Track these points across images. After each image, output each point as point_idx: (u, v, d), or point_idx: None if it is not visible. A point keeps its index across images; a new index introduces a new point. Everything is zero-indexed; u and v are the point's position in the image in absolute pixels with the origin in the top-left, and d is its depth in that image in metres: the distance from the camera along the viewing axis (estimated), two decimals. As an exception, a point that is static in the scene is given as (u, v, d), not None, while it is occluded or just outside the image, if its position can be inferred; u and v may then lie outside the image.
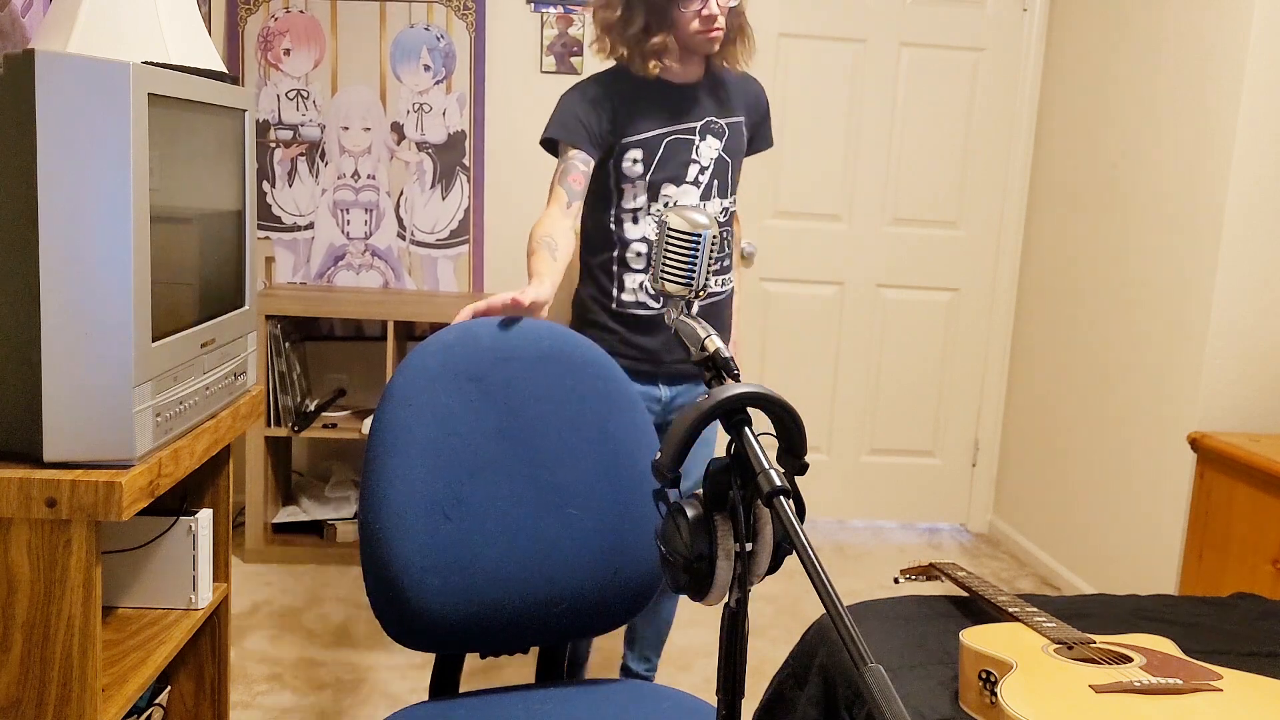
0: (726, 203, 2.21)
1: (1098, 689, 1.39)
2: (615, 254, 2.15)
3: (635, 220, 2.13)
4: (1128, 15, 3.38)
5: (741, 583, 1.05)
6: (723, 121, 2.17)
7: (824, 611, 0.98)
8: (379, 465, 1.51)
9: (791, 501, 0.97)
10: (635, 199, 2.13)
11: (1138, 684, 1.39)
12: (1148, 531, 3.13)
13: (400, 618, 1.51)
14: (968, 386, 4.12)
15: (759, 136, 2.30)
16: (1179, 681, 1.42)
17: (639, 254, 2.15)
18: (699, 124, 2.14)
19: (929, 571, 2.06)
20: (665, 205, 2.07)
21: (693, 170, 2.13)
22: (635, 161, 2.09)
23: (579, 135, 2.07)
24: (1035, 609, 1.76)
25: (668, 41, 2.08)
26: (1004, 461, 4.11)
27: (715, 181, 2.17)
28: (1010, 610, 1.75)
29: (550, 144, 2.13)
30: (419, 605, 1.49)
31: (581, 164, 2.06)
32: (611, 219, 2.14)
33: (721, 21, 2.07)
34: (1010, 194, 4.00)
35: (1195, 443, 2.86)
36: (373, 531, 1.50)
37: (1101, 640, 1.65)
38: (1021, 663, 1.50)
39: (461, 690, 1.59)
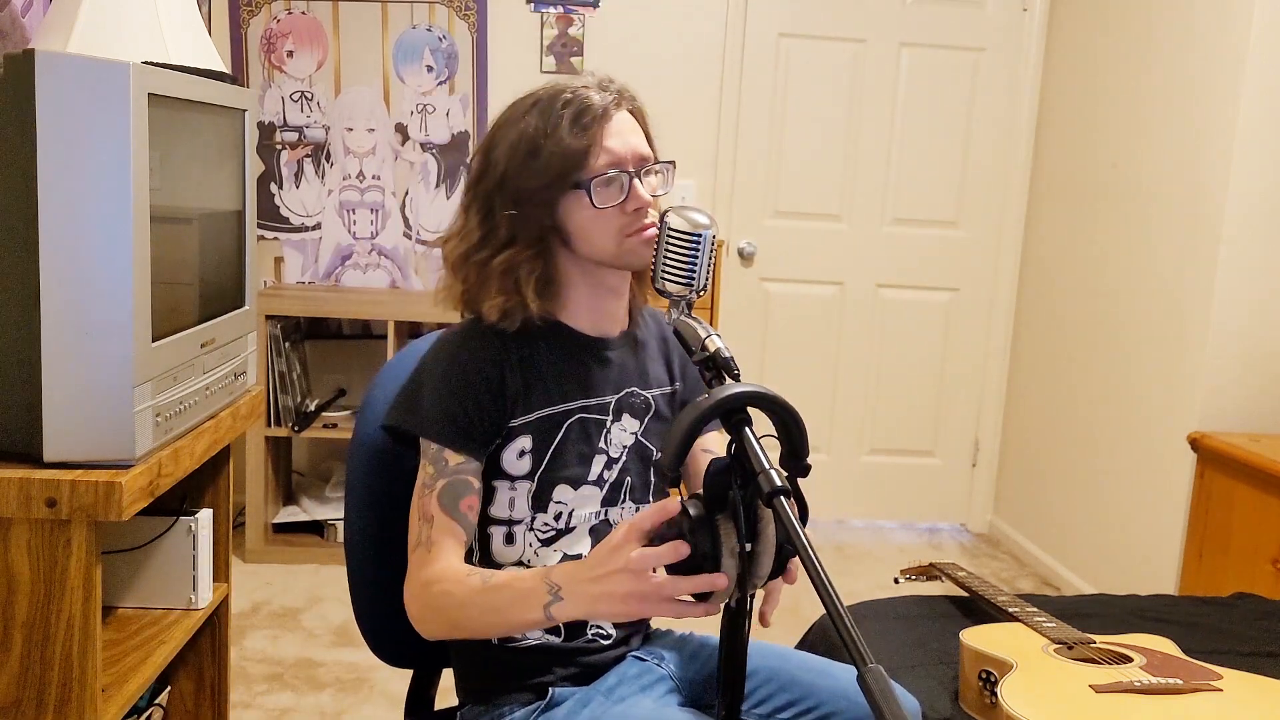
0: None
1: (1098, 689, 1.39)
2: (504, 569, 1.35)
3: (510, 540, 1.36)
4: (1127, 15, 3.38)
5: (742, 583, 1.05)
6: (646, 393, 1.44)
7: (824, 611, 0.98)
8: (358, 478, 1.49)
9: (794, 502, 0.97)
10: (511, 507, 1.35)
11: (1138, 684, 1.39)
12: (1148, 531, 3.12)
13: (383, 630, 1.49)
14: (967, 386, 4.11)
15: (696, 393, 1.49)
16: (1179, 681, 1.41)
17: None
18: (614, 398, 1.41)
19: (929, 571, 2.06)
20: (555, 516, 1.36)
21: (597, 464, 1.39)
22: (522, 454, 1.34)
23: (461, 434, 1.30)
24: (1035, 609, 1.76)
25: (562, 265, 1.36)
26: (1004, 461, 4.11)
27: (628, 479, 1.42)
28: (1010, 610, 1.75)
29: (400, 435, 1.36)
30: (403, 620, 1.47)
31: (474, 478, 1.31)
32: (475, 538, 1.35)
33: (653, 215, 1.34)
34: (1010, 194, 4.00)
35: (1195, 443, 2.86)
36: (355, 547, 1.48)
37: (1102, 640, 1.65)
38: (1021, 663, 1.50)
39: (437, 708, 1.57)
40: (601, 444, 1.39)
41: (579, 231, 1.33)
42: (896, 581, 2.06)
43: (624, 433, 1.41)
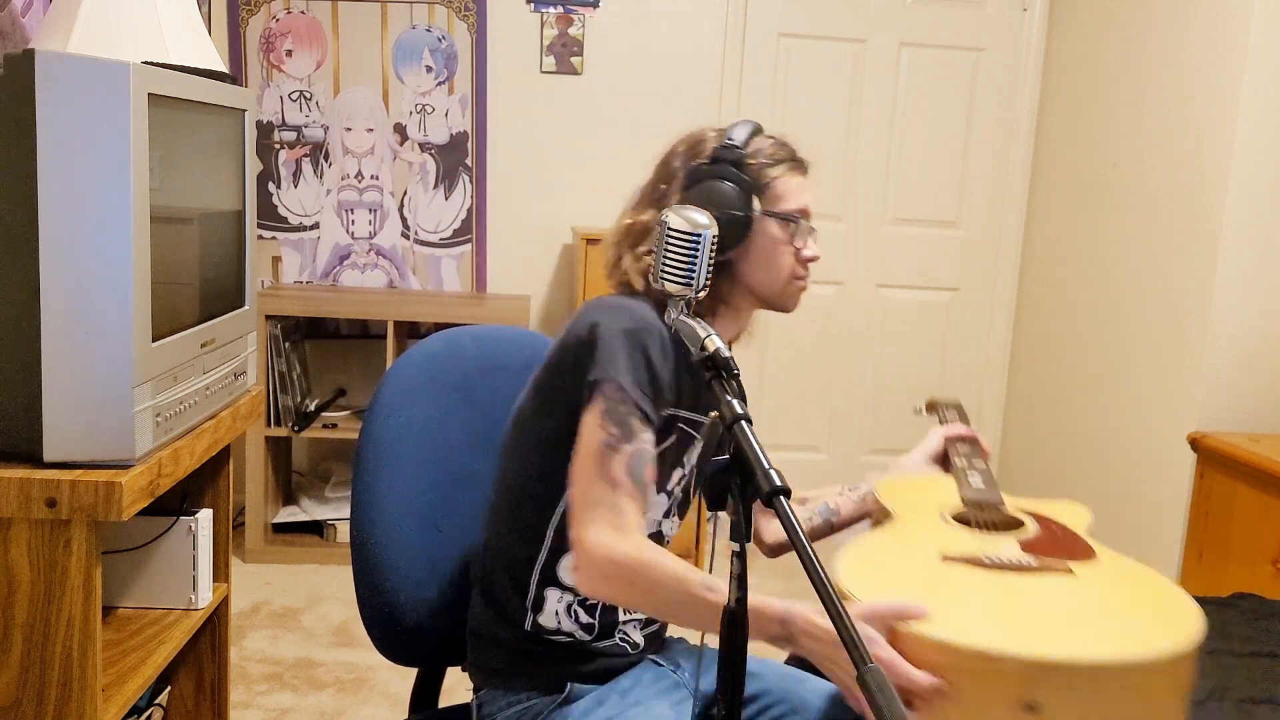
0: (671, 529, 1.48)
1: (946, 558, 1.32)
2: (541, 558, 1.39)
3: None
4: (1127, 15, 3.38)
5: (741, 583, 1.04)
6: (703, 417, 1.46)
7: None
8: (368, 478, 1.49)
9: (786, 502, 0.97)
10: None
11: (987, 560, 1.31)
12: (1148, 531, 3.12)
13: (393, 631, 1.48)
14: (968, 386, 4.11)
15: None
16: (1032, 561, 1.34)
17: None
18: (706, 419, 1.43)
19: (933, 406, 1.98)
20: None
21: (676, 475, 1.44)
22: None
23: (653, 393, 1.31)
24: (983, 467, 1.65)
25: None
26: (1004, 461, 4.11)
27: (681, 495, 1.47)
28: (956, 461, 1.68)
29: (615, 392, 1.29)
30: (413, 618, 1.47)
31: (652, 448, 1.30)
32: (557, 512, 1.38)
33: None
34: (1010, 194, 4.00)
35: (1195, 443, 2.86)
36: (364, 544, 1.48)
37: (1021, 504, 1.57)
38: (901, 517, 1.45)
39: (441, 706, 1.57)
40: (686, 458, 1.43)
41: (755, 259, 1.41)
42: (918, 412, 1.97)
43: (694, 452, 1.45)
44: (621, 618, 1.41)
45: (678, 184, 1.40)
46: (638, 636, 1.43)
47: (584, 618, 1.38)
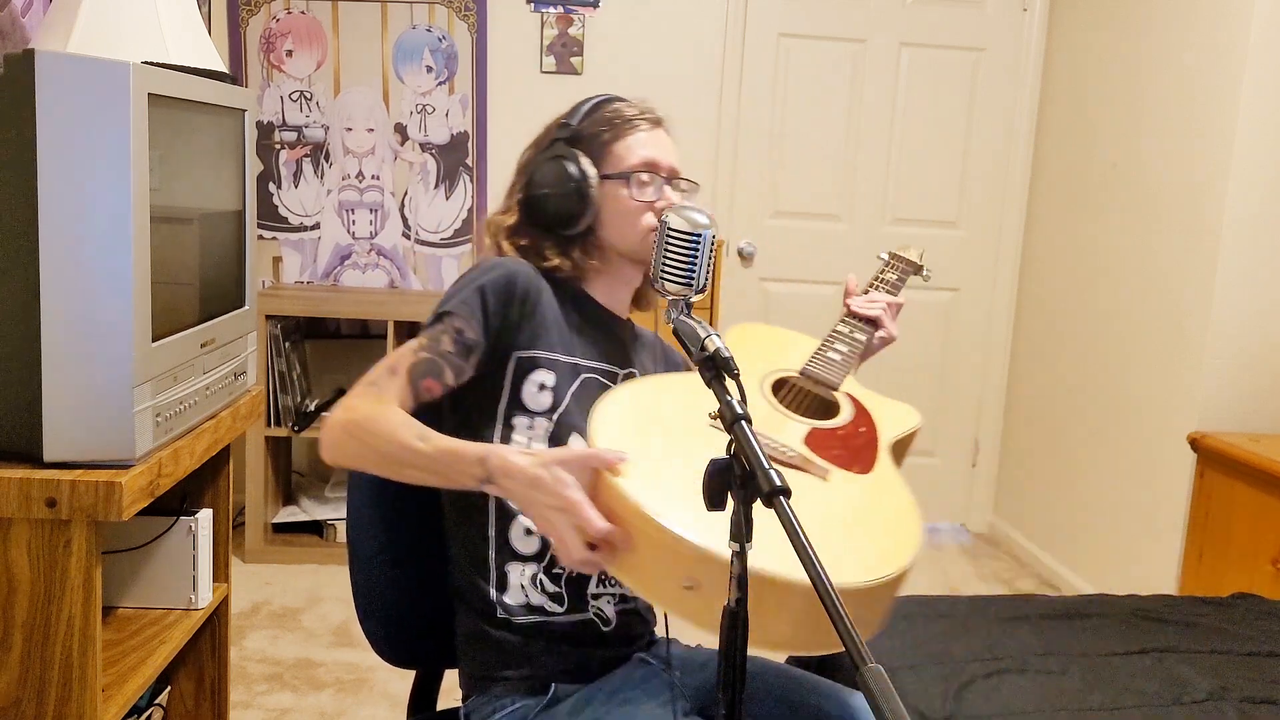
0: None
1: (711, 420, 1.29)
2: (491, 531, 1.38)
3: None
4: (1127, 15, 3.38)
5: (742, 583, 1.04)
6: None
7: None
8: (365, 477, 1.48)
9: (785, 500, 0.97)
10: (530, 444, 1.39)
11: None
12: (1148, 531, 3.12)
13: (390, 631, 1.48)
14: (968, 386, 4.11)
15: None
16: (792, 455, 1.30)
17: (530, 530, 1.37)
18: (621, 372, 1.49)
19: (893, 259, 1.80)
20: None
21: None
22: (542, 388, 1.40)
23: (469, 311, 1.36)
24: (847, 349, 1.60)
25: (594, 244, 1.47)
26: (1004, 461, 4.11)
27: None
28: (836, 329, 1.64)
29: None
30: (410, 619, 1.47)
31: (451, 370, 1.34)
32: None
33: None
34: (1010, 194, 4.00)
35: (1195, 443, 2.86)
36: (360, 547, 1.47)
37: (862, 394, 1.52)
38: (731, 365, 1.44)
39: (440, 708, 1.56)
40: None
41: (608, 222, 1.46)
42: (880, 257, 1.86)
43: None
44: (592, 589, 1.39)
45: (520, 179, 1.51)
46: (610, 612, 1.40)
47: (550, 586, 1.37)
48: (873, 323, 1.69)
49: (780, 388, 1.50)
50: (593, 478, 1.15)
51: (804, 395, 1.51)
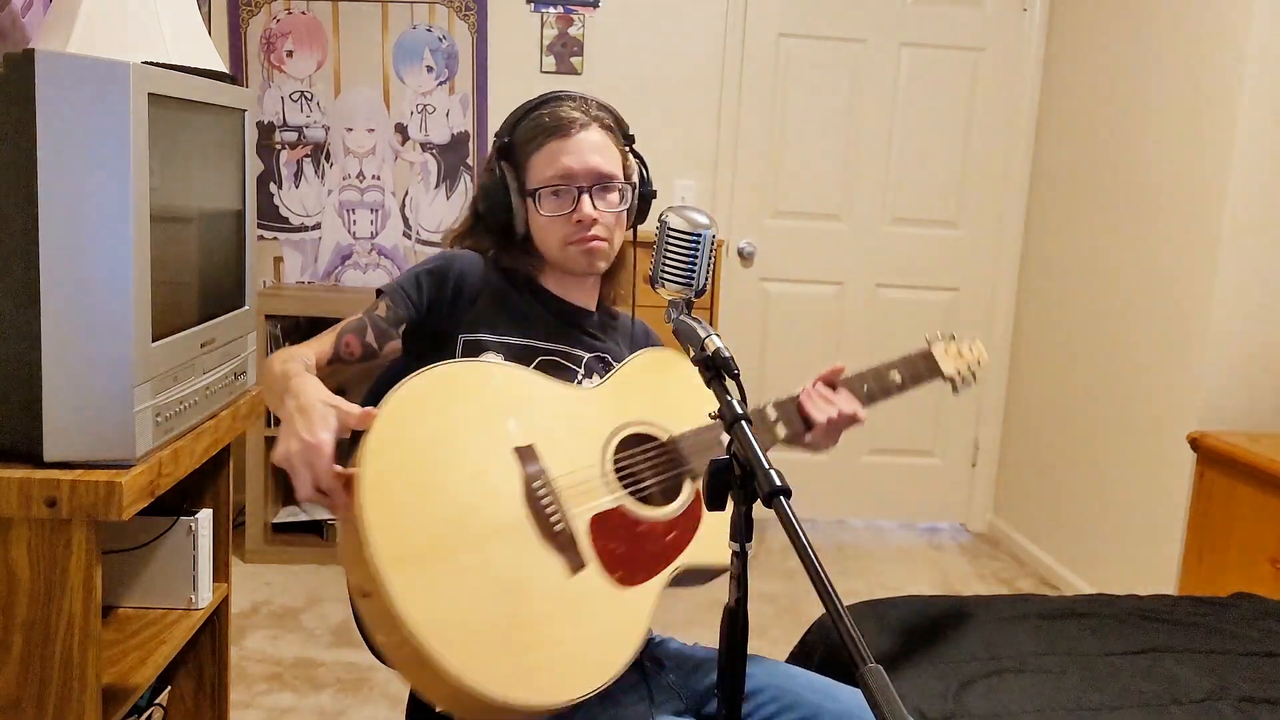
0: None
1: (517, 449, 1.28)
2: None
3: None
4: (1128, 14, 3.38)
5: (742, 583, 1.05)
6: (615, 364, 1.53)
7: (824, 611, 0.98)
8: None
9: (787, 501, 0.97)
10: None
11: (535, 487, 1.26)
12: (1148, 531, 3.12)
13: None
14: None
15: None
16: (560, 530, 1.26)
17: None
18: (587, 355, 1.52)
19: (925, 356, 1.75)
20: None
21: None
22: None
23: (401, 292, 1.46)
24: (758, 429, 1.34)
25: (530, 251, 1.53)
26: (1004, 461, 4.11)
27: None
28: (760, 409, 1.50)
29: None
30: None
31: (377, 333, 1.45)
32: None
33: (603, 229, 1.48)
34: (1010, 194, 4.00)
35: (1195, 443, 2.86)
36: None
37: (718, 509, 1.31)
38: (608, 395, 1.45)
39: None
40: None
41: (534, 233, 1.52)
42: None
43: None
44: None
45: (475, 188, 1.60)
46: None
47: None
48: (808, 423, 1.58)
49: (635, 444, 1.39)
50: (357, 454, 1.21)
51: (654, 466, 1.38)
